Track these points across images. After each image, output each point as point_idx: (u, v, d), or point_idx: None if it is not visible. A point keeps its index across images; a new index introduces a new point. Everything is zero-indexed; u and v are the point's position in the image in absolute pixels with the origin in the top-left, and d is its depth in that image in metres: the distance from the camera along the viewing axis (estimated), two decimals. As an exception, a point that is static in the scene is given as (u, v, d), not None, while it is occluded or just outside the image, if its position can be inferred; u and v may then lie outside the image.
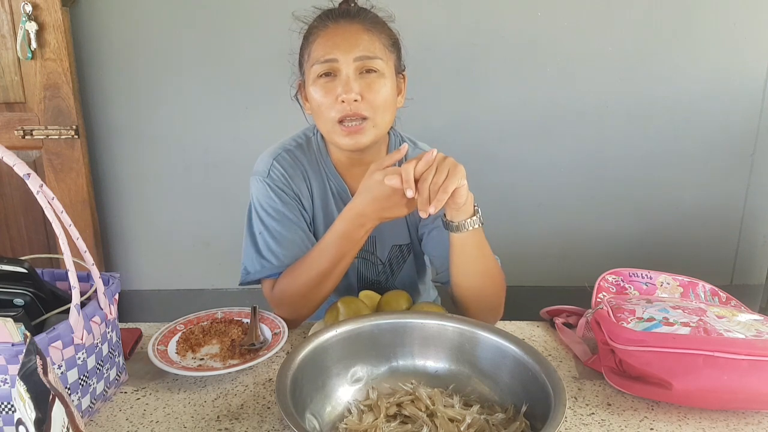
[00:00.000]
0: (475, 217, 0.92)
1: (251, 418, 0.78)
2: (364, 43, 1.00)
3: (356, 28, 1.01)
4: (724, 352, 0.76)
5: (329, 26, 1.02)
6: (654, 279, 1.04)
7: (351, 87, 0.97)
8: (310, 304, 1.02)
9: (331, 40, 1.00)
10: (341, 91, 0.98)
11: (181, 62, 2.13)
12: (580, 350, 0.93)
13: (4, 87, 1.97)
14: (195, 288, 2.37)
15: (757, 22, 2.10)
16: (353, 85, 0.98)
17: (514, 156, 2.23)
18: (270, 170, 1.09)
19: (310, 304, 1.02)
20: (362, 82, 0.99)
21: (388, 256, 1.18)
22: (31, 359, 0.52)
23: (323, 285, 1.00)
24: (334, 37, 1.00)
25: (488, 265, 0.99)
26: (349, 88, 0.97)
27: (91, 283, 0.81)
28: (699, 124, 2.20)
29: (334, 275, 0.99)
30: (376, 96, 0.99)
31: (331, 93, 0.99)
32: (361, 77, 0.99)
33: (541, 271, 2.33)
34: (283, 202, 1.08)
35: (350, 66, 0.98)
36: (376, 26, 1.03)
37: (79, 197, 2.10)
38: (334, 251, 0.97)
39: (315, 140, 1.13)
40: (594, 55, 2.13)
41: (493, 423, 0.73)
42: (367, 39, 1.00)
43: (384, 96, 1.00)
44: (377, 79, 1.00)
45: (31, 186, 0.65)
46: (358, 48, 0.99)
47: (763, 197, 2.30)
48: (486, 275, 0.99)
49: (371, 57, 0.99)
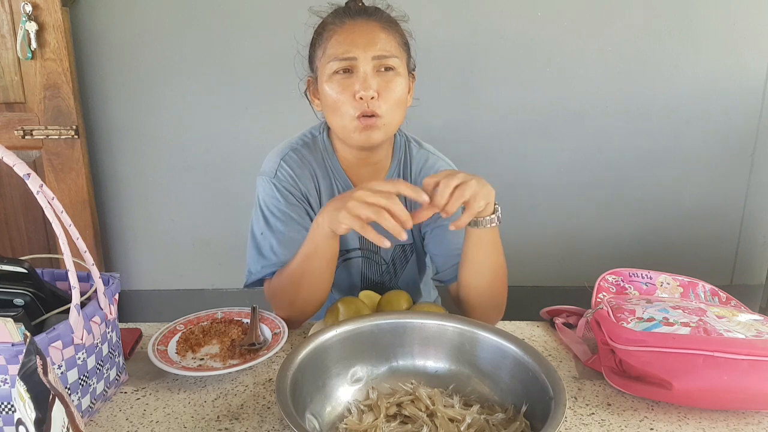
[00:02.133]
0: (494, 215, 0.93)
1: (251, 418, 0.78)
2: (382, 41, 1.00)
3: (374, 25, 1.01)
4: (724, 352, 0.76)
5: (346, 23, 1.02)
6: (654, 279, 1.04)
7: (369, 84, 0.97)
8: (294, 306, 1.01)
9: (349, 38, 1.00)
10: (359, 87, 0.97)
11: (182, 62, 2.13)
12: (580, 350, 0.93)
13: (4, 87, 1.97)
14: (195, 288, 2.37)
15: (757, 22, 2.10)
16: (371, 82, 0.98)
17: (514, 156, 2.23)
18: (278, 170, 1.09)
19: (294, 305, 1.01)
20: (379, 79, 0.99)
21: (391, 255, 1.18)
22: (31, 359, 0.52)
23: (297, 285, 0.99)
24: (352, 34, 1.00)
25: (500, 263, 1.00)
26: (367, 85, 0.97)
27: (91, 283, 0.81)
28: (699, 124, 2.20)
29: (305, 276, 0.98)
30: (392, 94, 1.00)
31: (348, 89, 0.99)
32: (378, 75, 0.99)
33: (541, 271, 2.33)
34: (289, 203, 1.08)
35: (368, 64, 0.98)
36: (391, 25, 1.04)
37: (79, 197, 2.10)
38: (302, 251, 0.98)
39: (321, 139, 1.13)
40: (594, 55, 2.13)
41: (493, 423, 0.73)
42: (384, 37, 1.01)
43: (399, 94, 1.01)
44: (394, 77, 1.00)
45: (31, 186, 0.65)
46: (376, 46, 0.99)
47: (763, 197, 2.30)
48: (496, 273, 1.00)
49: (388, 55, 1.00)
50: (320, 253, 0.96)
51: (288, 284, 1.00)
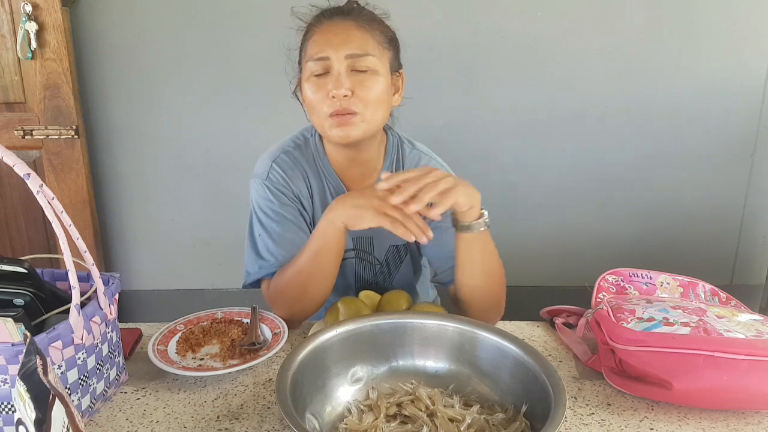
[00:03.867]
0: (481, 220, 0.93)
1: (251, 418, 0.78)
2: (356, 40, 1.00)
3: (349, 24, 1.02)
4: (724, 352, 0.76)
5: (324, 23, 1.03)
6: (654, 279, 1.04)
7: (341, 83, 0.98)
8: (299, 304, 1.01)
9: (324, 37, 1.01)
10: (332, 87, 0.98)
11: (182, 62, 2.13)
12: (580, 350, 0.93)
13: (4, 87, 1.97)
14: (195, 288, 2.37)
15: (757, 22, 2.10)
16: (344, 81, 0.98)
17: (514, 156, 2.23)
18: (269, 172, 1.09)
19: (299, 303, 1.01)
20: (354, 78, 0.99)
21: (385, 256, 1.18)
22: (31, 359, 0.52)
23: (305, 283, 0.99)
24: (327, 34, 1.01)
25: (493, 265, 1.00)
26: (339, 84, 0.98)
27: (91, 283, 0.81)
28: (699, 123, 2.20)
29: (314, 274, 0.99)
30: (368, 93, 1.00)
31: (322, 89, 1.00)
32: (353, 74, 0.99)
33: (541, 271, 2.33)
34: (282, 204, 1.08)
35: (341, 63, 0.99)
36: (370, 23, 1.04)
37: (79, 197, 2.10)
38: (309, 248, 0.98)
39: (313, 141, 1.14)
40: (595, 55, 2.13)
41: (493, 423, 0.73)
42: (360, 36, 1.01)
43: (376, 93, 1.01)
44: (369, 76, 1.00)
45: (31, 186, 0.65)
46: (349, 45, 0.99)
47: (763, 197, 2.30)
48: (491, 274, 1.00)
49: (362, 54, 1.00)
50: (331, 249, 0.97)
51: (294, 283, 1.00)
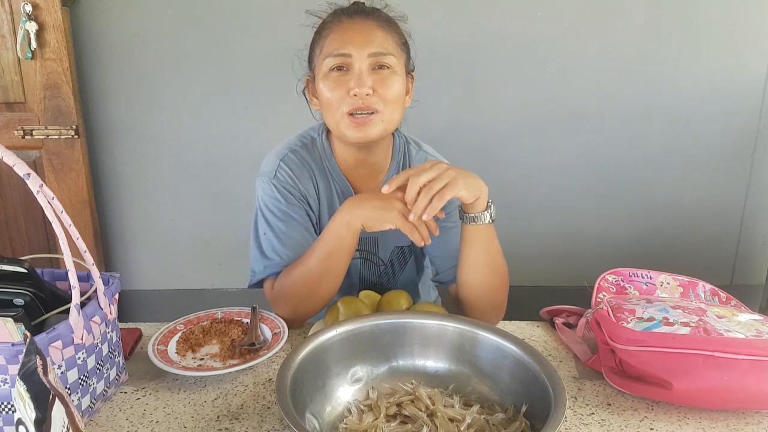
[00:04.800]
0: (487, 212, 0.94)
1: (251, 418, 0.78)
2: (379, 39, 1.00)
3: (371, 24, 1.02)
4: (724, 352, 0.76)
5: (344, 21, 1.03)
6: (654, 279, 1.04)
7: (364, 81, 0.98)
8: (306, 304, 1.01)
9: (345, 35, 1.01)
10: (354, 84, 0.98)
11: (182, 62, 2.13)
12: (580, 350, 0.93)
13: (4, 87, 1.97)
14: (195, 288, 2.37)
15: (757, 22, 2.10)
16: (366, 80, 0.98)
17: (514, 156, 2.23)
18: (277, 171, 1.09)
19: (306, 303, 1.01)
20: (375, 77, 0.99)
21: (390, 257, 1.18)
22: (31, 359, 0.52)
23: (316, 284, 0.99)
24: (348, 32, 1.01)
25: (497, 262, 1.00)
26: (361, 82, 0.98)
27: (91, 283, 0.81)
28: (699, 124, 2.20)
29: (325, 275, 0.99)
30: (388, 91, 1.00)
31: (342, 86, 0.99)
32: (374, 72, 1.00)
33: (541, 271, 2.33)
34: (289, 203, 1.08)
35: (364, 61, 0.99)
36: (389, 24, 1.04)
37: (79, 197, 2.10)
38: (321, 249, 0.98)
39: (320, 141, 1.13)
40: (594, 56, 2.13)
41: (493, 423, 0.73)
42: (382, 36, 1.01)
43: (395, 92, 1.01)
44: (390, 75, 1.01)
45: (31, 186, 0.65)
46: (372, 44, 0.99)
47: (763, 197, 2.30)
48: (494, 272, 1.00)
49: (385, 53, 1.00)
50: (344, 250, 0.97)
51: (303, 283, 1.00)
